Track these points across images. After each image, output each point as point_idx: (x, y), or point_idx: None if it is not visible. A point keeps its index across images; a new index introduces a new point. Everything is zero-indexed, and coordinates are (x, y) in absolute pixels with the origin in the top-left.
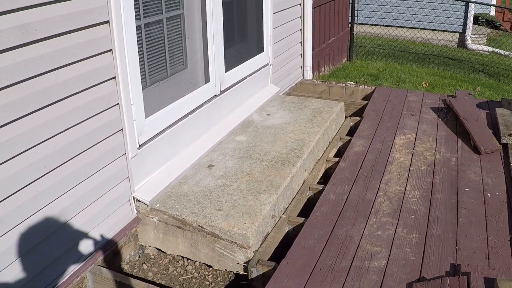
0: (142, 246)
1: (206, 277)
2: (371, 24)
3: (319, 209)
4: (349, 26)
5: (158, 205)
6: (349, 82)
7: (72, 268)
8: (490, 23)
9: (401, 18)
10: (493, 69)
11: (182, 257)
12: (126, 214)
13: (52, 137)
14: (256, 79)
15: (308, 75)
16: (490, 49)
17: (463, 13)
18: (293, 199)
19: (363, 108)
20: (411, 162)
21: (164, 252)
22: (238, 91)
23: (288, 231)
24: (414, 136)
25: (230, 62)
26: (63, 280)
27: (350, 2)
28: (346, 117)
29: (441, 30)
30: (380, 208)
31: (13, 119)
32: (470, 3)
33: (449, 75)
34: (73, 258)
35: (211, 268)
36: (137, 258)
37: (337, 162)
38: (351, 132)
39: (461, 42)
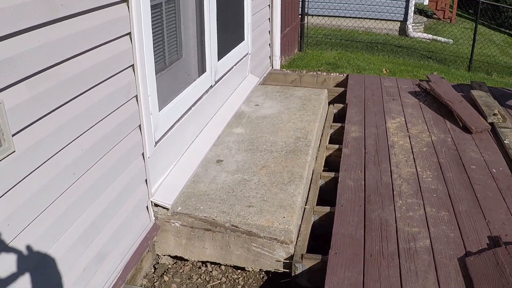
0: (157, 256)
1: (236, 280)
2: (315, 15)
3: (342, 197)
4: (300, 17)
5: (180, 208)
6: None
7: None
8: (422, 12)
9: (344, 8)
10: (440, 55)
11: (203, 262)
12: (145, 222)
13: (78, 137)
14: (239, 70)
15: (277, 64)
16: (431, 36)
17: (404, 2)
18: (309, 189)
19: (341, 95)
20: (411, 145)
21: (182, 260)
22: (227, 82)
23: (314, 222)
24: (404, 119)
25: (219, 52)
26: None
27: None
28: (329, 104)
29: (383, 19)
30: (401, 190)
31: (39, 116)
32: None
33: (402, 62)
34: (102, 280)
35: (239, 270)
36: (153, 270)
37: (338, 149)
38: (336, 119)
39: (403, 31)
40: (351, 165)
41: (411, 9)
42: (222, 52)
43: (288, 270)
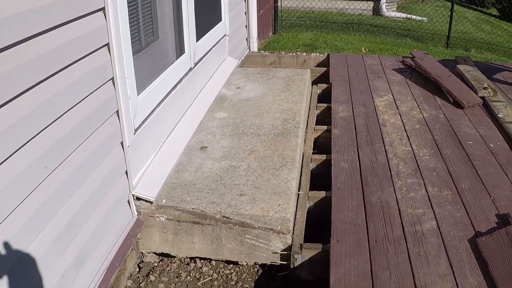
0: (142, 254)
1: (229, 276)
2: None
3: (338, 180)
4: None
5: (164, 201)
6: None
7: None
8: None
9: None
10: (416, 34)
11: (192, 258)
12: (127, 218)
13: (49, 126)
14: (217, 52)
15: (255, 47)
16: (405, 15)
17: None
18: (301, 173)
19: (323, 76)
20: (403, 122)
21: (169, 257)
22: (206, 64)
23: (308, 208)
24: (392, 97)
25: (197, 32)
26: None
27: None
28: (312, 85)
29: (356, 0)
30: (399, 170)
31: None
32: None
33: (379, 41)
34: (83, 286)
35: (232, 265)
36: (138, 269)
37: (327, 131)
38: (321, 99)
39: (376, 10)
40: (343, 146)
41: None
42: (200, 33)
43: (286, 262)
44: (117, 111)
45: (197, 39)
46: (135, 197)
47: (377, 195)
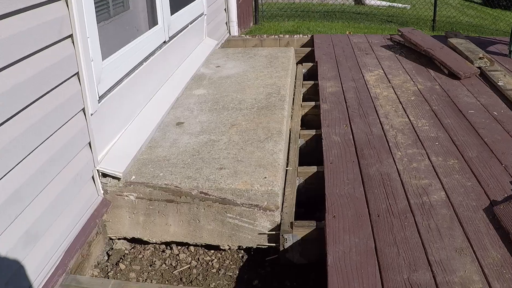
0: (111, 240)
1: (209, 263)
2: None
3: (330, 153)
4: None
5: (134, 177)
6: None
7: (35, 284)
8: None
9: None
10: (401, 19)
11: (167, 244)
12: (91, 197)
13: None
14: (195, 31)
15: (235, 31)
16: (387, 3)
17: None
18: (288, 149)
19: (308, 56)
20: (397, 95)
21: (142, 243)
22: (183, 41)
23: (298, 185)
24: (382, 71)
25: (172, 7)
26: None
27: None
28: (296, 65)
29: None
30: (397, 141)
31: None
32: None
33: (364, 26)
34: (34, 268)
35: (212, 251)
36: (107, 257)
37: (315, 107)
38: (306, 78)
39: (358, 0)
40: (334, 120)
41: None
42: (175, 7)
43: (274, 244)
44: (77, 73)
45: (172, 13)
46: (100, 173)
47: (375, 167)
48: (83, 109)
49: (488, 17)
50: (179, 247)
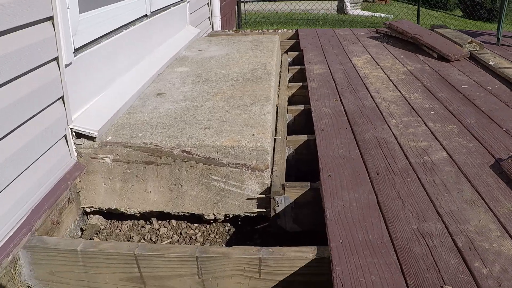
0: (85, 213)
1: (193, 237)
2: (248, 1)
3: (320, 122)
4: None
5: (110, 138)
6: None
7: None
8: None
9: None
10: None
11: (147, 219)
12: (63, 158)
13: None
14: (177, 15)
15: (218, 26)
16: (370, 13)
17: None
18: (276, 122)
19: (293, 47)
20: (386, 75)
21: (119, 219)
22: (164, 21)
23: (288, 155)
24: (370, 57)
25: None
26: None
27: None
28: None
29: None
30: (391, 111)
31: None
32: None
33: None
34: None
35: (196, 224)
36: (80, 233)
37: (302, 87)
38: (291, 65)
39: (341, 9)
40: (323, 96)
41: None
42: None
43: (264, 210)
44: (52, 18)
45: None
46: (74, 134)
47: (370, 132)
48: (57, 59)
49: (471, 27)
50: (160, 221)
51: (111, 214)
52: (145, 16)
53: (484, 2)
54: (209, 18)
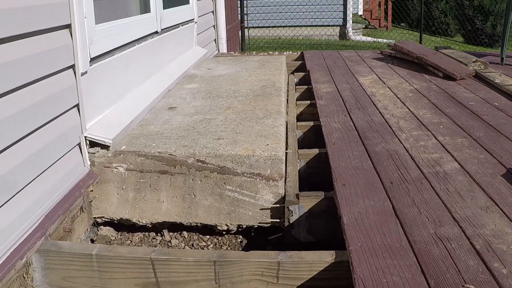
0: (96, 223)
1: (205, 248)
2: (252, 27)
3: (331, 136)
4: (239, 18)
5: (124, 147)
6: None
7: (2, 250)
8: (358, 23)
9: (281, 18)
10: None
11: (158, 231)
12: (76, 166)
13: None
14: (185, 34)
15: (224, 48)
16: (372, 39)
17: (342, 6)
18: (286, 137)
19: (299, 68)
20: (394, 93)
21: (130, 231)
22: (174, 39)
23: (299, 168)
24: (376, 76)
25: (164, 3)
26: None
27: None
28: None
29: (322, 25)
30: (400, 125)
31: None
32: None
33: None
34: (5, 224)
35: (208, 236)
36: (90, 243)
37: (310, 105)
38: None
39: (343, 35)
40: (332, 112)
41: (350, 10)
42: (167, 5)
43: (278, 220)
44: (69, 26)
45: (165, 7)
46: (88, 142)
47: (381, 145)
48: (73, 66)
49: (474, 51)
50: (171, 233)
51: (122, 226)
52: (156, 32)
53: (485, 27)
54: (215, 40)
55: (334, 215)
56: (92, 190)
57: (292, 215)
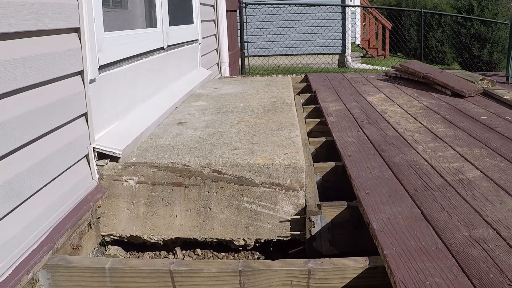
0: (104, 243)
1: None
2: (251, 55)
3: (347, 149)
4: (239, 45)
5: (134, 159)
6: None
7: (1, 270)
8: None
9: (280, 46)
10: None
11: (169, 250)
12: (84, 179)
13: None
14: (190, 54)
15: (226, 72)
16: (371, 66)
17: (341, 34)
18: None
19: (304, 89)
20: (404, 109)
21: (139, 249)
22: (179, 57)
23: (316, 182)
24: (384, 95)
25: (170, 20)
26: None
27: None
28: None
29: (321, 54)
30: (415, 138)
31: None
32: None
33: None
34: (10, 235)
35: (223, 253)
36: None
37: (320, 123)
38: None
39: (342, 63)
40: (344, 128)
41: (348, 38)
42: (173, 22)
43: (299, 233)
44: (78, 29)
45: (170, 25)
46: (96, 155)
47: (399, 156)
48: (81, 73)
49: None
50: (184, 251)
51: (131, 245)
52: (162, 49)
53: (482, 55)
54: (217, 64)
55: (357, 226)
56: (100, 206)
57: (314, 226)
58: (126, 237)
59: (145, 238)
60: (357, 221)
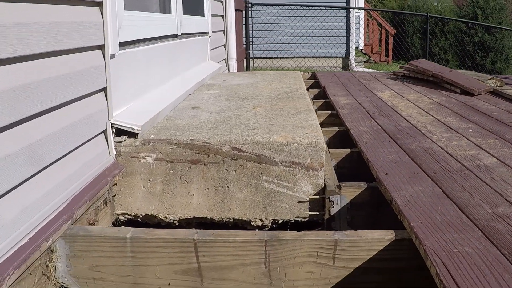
0: (118, 221)
1: None
2: (256, 57)
3: (362, 137)
4: (245, 45)
5: (153, 136)
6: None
7: (21, 235)
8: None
9: (284, 49)
10: None
11: (178, 228)
12: (101, 154)
13: None
14: (200, 46)
15: (234, 68)
16: (374, 71)
17: (345, 38)
18: None
19: (313, 85)
20: (415, 104)
21: (158, 224)
22: (191, 47)
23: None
24: (393, 92)
25: (183, 9)
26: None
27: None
28: None
29: (325, 57)
30: (429, 129)
31: None
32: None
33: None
34: (30, 201)
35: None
36: None
37: (331, 115)
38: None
39: (346, 66)
40: (357, 119)
41: (352, 42)
42: (185, 11)
43: (317, 213)
44: (100, 4)
45: (183, 14)
46: (114, 131)
47: (415, 144)
48: (102, 47)
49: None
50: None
51: (145, 226)
52: (176, 36)
53: (485, 63)
54: (225, 60)
55: (376, 207)
56: (115, 184)
57: (333, 206)
58: (141, 216)
59: (160, 217)
60: (376, 202)
